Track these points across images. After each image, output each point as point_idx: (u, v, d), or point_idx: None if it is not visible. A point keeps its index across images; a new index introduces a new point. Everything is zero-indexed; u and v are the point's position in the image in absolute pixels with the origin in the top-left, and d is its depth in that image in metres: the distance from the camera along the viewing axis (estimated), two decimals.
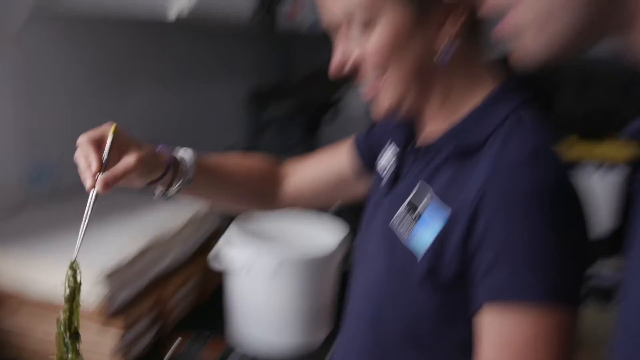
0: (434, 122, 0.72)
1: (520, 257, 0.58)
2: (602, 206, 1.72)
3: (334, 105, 2.30)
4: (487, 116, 0.66)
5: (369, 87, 0.70)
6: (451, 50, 0.66)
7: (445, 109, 0.70)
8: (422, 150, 0.72)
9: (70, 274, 0.68)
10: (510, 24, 0.48)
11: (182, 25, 1.30)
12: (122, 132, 0.71)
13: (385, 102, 0.70)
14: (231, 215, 1.27)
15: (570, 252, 0.59)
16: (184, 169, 0.79)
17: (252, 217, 1.27)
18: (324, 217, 1.30)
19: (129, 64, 1.57)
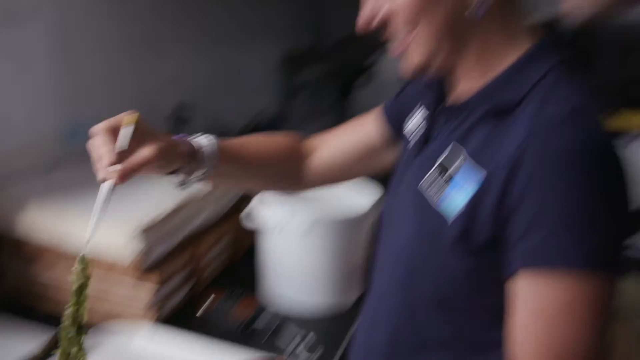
0: (467, 80, 0.68)
1: (557, 220, 0.56)
2: None
3: (367, 69, 2.26)
4: (525, 74, 0.63)
5: (397, 42, 0.67)
6: (485, 3, 0.62)
7: (479, 66, 0.66)
8: (455, 109, 0.69)
9: (79, 268, 0.67)
10: None
11: None
12: (143, 122, 0.69)
13: (415, 59, 0.67)
14: None
15: (610, 216, 0.56)
16: (204, 158, 0.77)
17: None
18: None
19: (165, 26, 1.57)
